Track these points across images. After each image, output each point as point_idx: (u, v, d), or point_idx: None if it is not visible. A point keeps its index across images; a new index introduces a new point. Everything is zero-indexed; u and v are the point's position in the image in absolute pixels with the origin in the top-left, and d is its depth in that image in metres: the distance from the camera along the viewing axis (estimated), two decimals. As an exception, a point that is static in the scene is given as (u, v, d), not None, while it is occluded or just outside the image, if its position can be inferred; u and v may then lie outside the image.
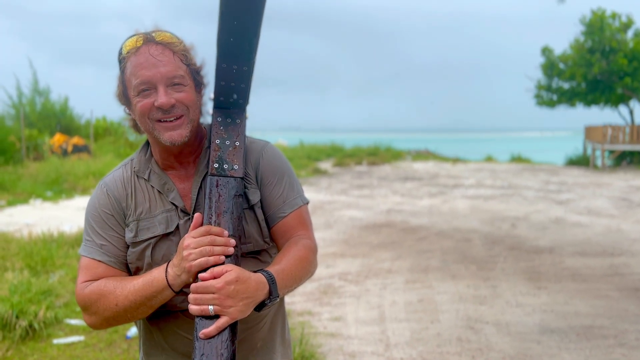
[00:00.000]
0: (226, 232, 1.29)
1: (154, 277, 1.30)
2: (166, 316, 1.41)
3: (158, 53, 1.33)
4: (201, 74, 1.41)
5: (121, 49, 1.37)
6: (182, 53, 1.36)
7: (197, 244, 1.25)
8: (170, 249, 1.38)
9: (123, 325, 4.14)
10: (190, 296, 1.22)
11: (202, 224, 1.31)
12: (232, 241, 1.28)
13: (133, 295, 1.30)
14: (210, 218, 1.31)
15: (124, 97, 1.39)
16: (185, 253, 1.25)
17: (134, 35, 1.37)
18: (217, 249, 1.25)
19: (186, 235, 1.29)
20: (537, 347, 3.97)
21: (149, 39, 1.35)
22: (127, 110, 1.42)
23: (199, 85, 1.41)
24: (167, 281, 1.28)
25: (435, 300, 5.04)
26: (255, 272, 1.27)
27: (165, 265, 1.31)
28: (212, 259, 1.24)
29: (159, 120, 1.35)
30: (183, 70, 1.35)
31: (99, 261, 1.39)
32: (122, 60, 1.36)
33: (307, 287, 5.44)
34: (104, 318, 1.34)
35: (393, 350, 3.95)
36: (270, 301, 1.27)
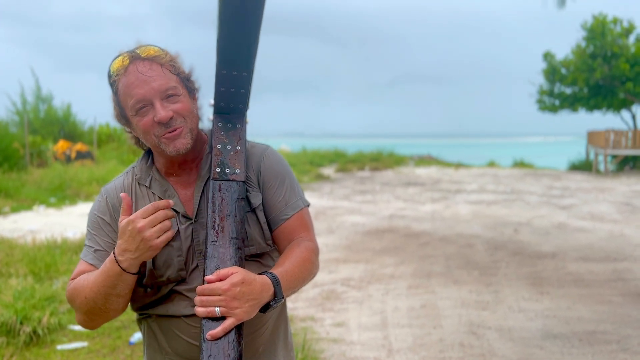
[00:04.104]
0: (171, 202, 1.33)
1: (109, 269, 1.32)
2: (169, 321, 1.42)
3: (146, 69, 1.35)
4: (192, 80, 1.43)
5: (109, 71, 1.38)
6: (169, 64, 1.38)
7: (152, 222, 1.29)
8: (171, 254, 1.40)
9: (126, 331, 4.16)
10: (197, 298, 1.24)
11: (130, 206, 1.33)
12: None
13: (96, 286, 1.34)
14: (214, 222, 1.33)
15: (123, 117, 1.42)
16: (147, 234, 1.28)
17: (118, 55, 1.38)
18: (168, 222, 1.32)
19: (133, 219, 1.28)
20: (540, 353, 3.97)
21: (134, 57, 1.36)
22: (128, 129, 1.45)
23: (191, 91, 1.43)
24: (124, 269, 1.31)
25: (437, 305, 5.03)
26: (259, 274, 1.30)
27: (112, 257, 1.32)
28: (170, 233, 1.31)
29: (164, 135, 1.37)
30: (174, 80, 1.37)
31: (91, 265, 1.43)
32: (113, 83, 1.38)
33: (309, 292, 5.45)
34: (84, 312, 1.38)
35: (395, 355, 3.95)
36: (275, 302, 1.29)
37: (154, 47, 1.39)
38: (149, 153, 1.51)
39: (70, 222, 9.05)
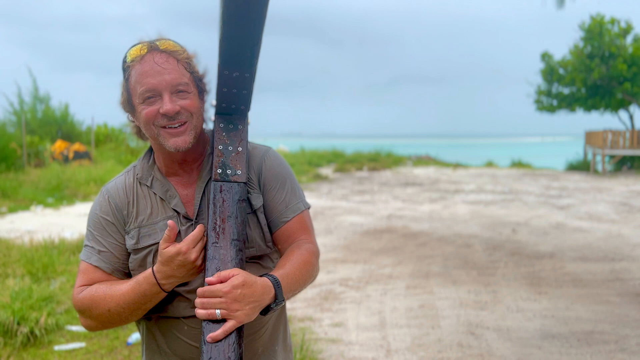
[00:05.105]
0: (203, 225, 1.37)
1: (146, 290, 1.32)
2: (169, 322, 1.42)
3: (162, 61, 1.35)
4: (204, 81, 1.43)
5: (125, 57, 1.39)
6: (185, 61, 1.38)
7: (200, 250, 1.33)
8: None
9: (124, 331, 4.15)
10: (197, 300, 1.23)
11: (175, 235, 1.34)
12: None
13: (126, 303, 1.34)
14: (215, 223, 1.33)
15: (129, 104, 1.41)
16: (198, 262, 1.32)
17: (138, 43, 1.38)
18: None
19: (185, 251, 1.30)
20: (538, 353, 3.97)
21: (153, 47, 1.37)
22: (131, 117, 1.44)
23: (201, 92, 1.43)
24: (163, 289, 1.33)
25: (436, 305, 5.03)
26: (260, 276, 1.29)
27: (151, 276, 1.32)
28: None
29: (164, 127, 1.36)
30: (187, 77, 1.37)
31: (96, 267, 1.41)
32: (126, 69, 1.38)
33: (308, 292, 5.44)
34: (100, 322, 1.39)
35: (394, 356, 3.95)
36: (275, 305, 1.29)
37: (173, 42, 1.40)
38: (150, 152, 1.50)
39: (67, 222, 9.03)
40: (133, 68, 1.36)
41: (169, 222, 1.31)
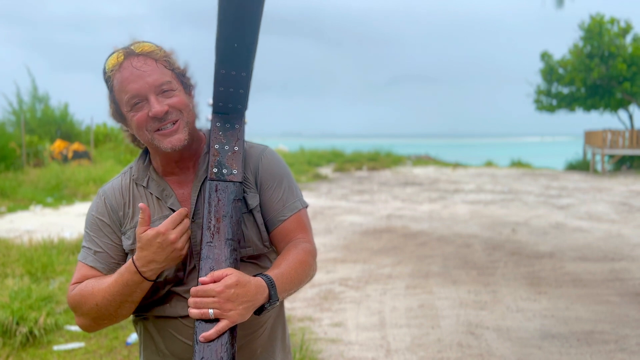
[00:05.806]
0: (185, 209, 1.35)
1: (127, 280, 1.31)
2: (166, 322, 1.41)
3: (141, 64, 1.34)
4: (187, 76, 1.43)
5: (104, 68, 1.38)
6: (164, 59, 1.37)
7: (182, 232, 1.31)
8: None
9: (123, 331, 4.14)
10: (190, 300, 1.23)
11: (149, 217, 1.33)
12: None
13: (111, 295, 1.32)
14: (210, 222, 1.32)
15: (118, 114, 1.41)
16: (179, 245, 1.30)
17: (113, 52, 1.38)
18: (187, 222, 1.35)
19: (163, 231, 1.28)
20: (538, 353, 3.96)
21: (129, 53, 1.36)
22: (124, 127, 1.44)
23: (187, 87, 1.42)
24: (147, 279, 1.31)
25: (435, 305, 5.03)
26: (254, 276, 1.28)
27: (131, 265, 1.30)
28: (187, 236, 1.34)
29: (157, 130, 1.36)
30: (169, 75, 1.37)
31: (92, 267, 1.42)
32: (108, 80, 1.38)
33: (307, 292, 5.44)
34: (92, 319, 1.38)
35: (394, 355, 3.94)
36: (270, 305, 1.28)
37: (148, 43, 1.39)
38: (146, 152, 1.50)
39: (67, 222, 9.03)
40: (114, 77, 1.36)
41: (140, 204, 1.30)
